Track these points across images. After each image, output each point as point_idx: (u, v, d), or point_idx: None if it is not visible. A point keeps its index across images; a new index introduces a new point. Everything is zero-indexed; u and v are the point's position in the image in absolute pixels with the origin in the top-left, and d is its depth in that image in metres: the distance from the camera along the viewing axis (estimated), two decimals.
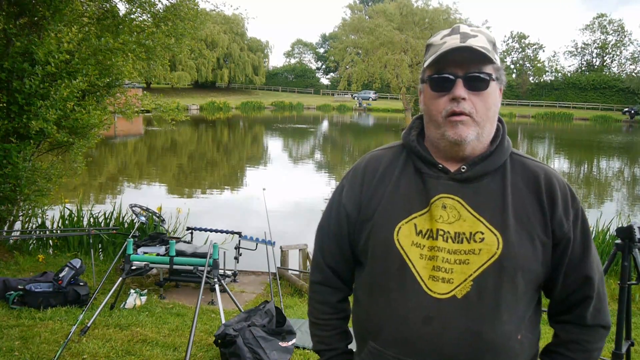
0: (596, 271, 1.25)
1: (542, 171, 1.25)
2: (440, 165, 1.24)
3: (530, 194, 1.22)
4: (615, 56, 66.11)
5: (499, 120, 1.30)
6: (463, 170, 1.23)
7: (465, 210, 1.21)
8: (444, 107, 1.20)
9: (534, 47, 68.56)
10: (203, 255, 4.70)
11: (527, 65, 68.82)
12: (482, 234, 1.18)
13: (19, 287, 4.43)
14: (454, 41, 1.18)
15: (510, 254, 1.17)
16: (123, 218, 6.97)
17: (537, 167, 1.26)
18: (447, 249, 1.19)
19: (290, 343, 3.59)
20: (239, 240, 5.47)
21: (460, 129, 1.18)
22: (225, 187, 14.15)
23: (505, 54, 70.86)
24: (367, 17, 68.15)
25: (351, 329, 1.42)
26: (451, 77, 1.18)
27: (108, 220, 6.93)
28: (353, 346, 1.42)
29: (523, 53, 69.11)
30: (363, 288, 1.32)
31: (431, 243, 1.20)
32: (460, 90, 1.17)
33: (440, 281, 1.18)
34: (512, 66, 70.70)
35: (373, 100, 59.57)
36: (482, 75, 1.18)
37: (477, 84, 1.18)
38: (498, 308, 1.17)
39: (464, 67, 1.18)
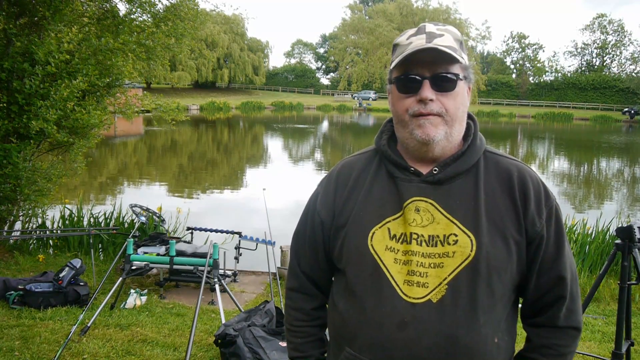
0: (569, 271, 1.24)
1: (515, 169, 1.24)
2: (412, 168, 1.23)
3: (504, 192, 1.21)
4: (615, 56, 66.16)
5: (471, 118, 1.29)
6: (435, 172, 1.22)
7: (439, 212, 1.20)
8: (411, 107, 1.19)
9: (534, 47, 68.64)
10: (203, 255, 4.70)
11: (527, 65, 68.87)
12: (456, 236, 1.17)
13: (19, 287, 4.43)
14: (419, 41, 1.16)
15: (484, 255, 1.15)
16: (123, 218, 6.96)
17: (510, 165, 1.25)
18: (421, 252, 1.18)
19: None
20: (239, 240, 5.47)
21: (428, 128, 1.17)
22: (226, 187, 14.15)
23: (505, 54, 70.97)
24: (367, 17, 68.21)
25: (327, 334, 1.41)
26: (418, 78, 1.17)
27: (108, 220, 6.92)
28: None
29: (523, 53, 69.17)
30: (339, 294, 1.31)
31: (405, 247, 1.19)
32: (427, 91, 1.16)
33: (416, 285, 1.17)
34: (512, 66, 70.81)
35: (373, 100, 59.55)
36: (449, 76, 1.17)
37: (445, 85, 1.17)
38: (474, 311, 1.15)
39: (430, 67, 1.17)
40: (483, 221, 1.18)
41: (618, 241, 2.75)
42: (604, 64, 66.83)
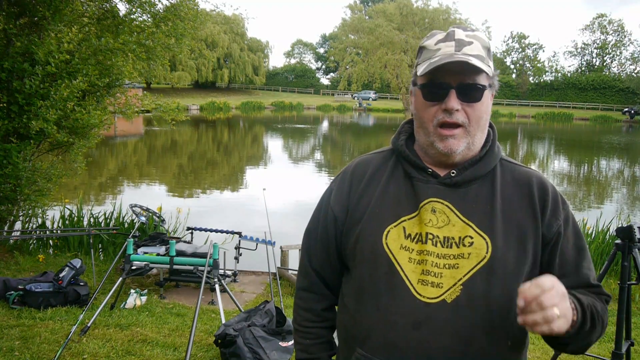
0: (593, 274, 1.25)
1: (533, 177, 1.25)
2: (430, 170, 1.23)
3: (522, 199, 1.22)
4: (615, 56, 66.17)
5: (490, 126, 1.29)
6: (453, 175, 1.22)
7: (454, 215, 1.20)
8: (435, 116, 1.18)
9: (534, 47, 68.64)
10: (203, 255, 4.70)
11: (527, 65, 68.87)
12: (472, 238, 1.17)
13: (19, 287, 4.43)
14: (448, 49, 1.16)
15: (499, 257, 1.16)
16: (123, 218, 6.96)
17: (527, 173, 1.26)
18: (436, 253, 1.18)
19: (290, 343, 3.60)
20: (239, 240, 5.47)
21: (451, 142, 1.18)
22: (226, 187, 14.15)
23: (505, 54, 70.92)
24: (367, 17, 68.18)
25: (335, 338, 1.40)
26: (444, 87, 1.17)
27: (108, 220, 6.93)
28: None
29: (523, 53, 69.16)
30: (350, 293, 1.29)
31: (420, 247, 1.19)
32: (453, 102, 1.16)
33: (430, 285, 1.16)
34: (512, 66, 70.78)
35: (373, 100, 59.57)
36: (476, 86, 1.17)
37: (471, 95, 1.17)
38: (488, 313, 1.15)
39: (458, 76, 1.16)
40: (499, 224, 1.18)
41: (618, 241, 2.75)
42: (604, 64, 66.82)
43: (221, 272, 5.16)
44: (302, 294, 1.41)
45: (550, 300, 0.99)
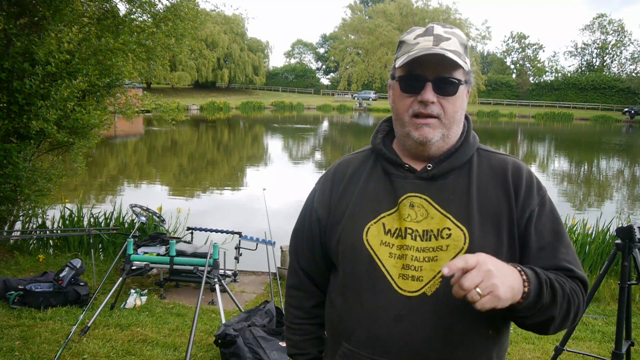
0: (574, 261, 1.22)
1: (508, 162, 1.27)
2: (407, 165, 1.26)
3: (497, 185, 1.24)
4: (615, 56, 66.11)
5: (465, 117, 1.31)
6: (429, 169, 1.25)
7: (433, 207, 1.22)
8: (411, 106, 1.21)
9: (534, 47, 68.60)
10: (203, 255, 4.70)
11: (527, 65, 68.84)
12: (449, 230, 1.20)
13: (20, 287, 4.43)
14: (427, 43, 1.19)
15: (476, 247, 1.17)
16: (123, 218, 6.96)
17: (503, 160, 1.28)
18: (415, 247, 1.20)
19: None
20: (239, 240, 5.47)
21: (426, 130, 1.21)
22: (226, 187, 14.14)
23: (505, 54, 70.97)
24: (367, 17, 68.18)
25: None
26: (421, 80, 1.19)
27: (108, 220, 6.92)
28: None
29: (523, 53, 69.14)
30: (336, 290, 1.33)
31: (400, 242, 1.22)
32: (429, 94, 1.19)
33: (410, 279, 1.19)
34: (512, 66, 70.78)
35: (373, 100, 59.54)
36: (451, 80, 1.20)
37: (447, 89, 1.20)
38: (468, 304, 1.14)
39: (434, 70, 1.19)
40: (475, 214, 1.20)
41: (618, 241, 2.75)
42: (604, 64, 66.77)
43: (221, 272, 5.16)
44: (292, 291, 1.46)
45: (469, 281, 1.00)
